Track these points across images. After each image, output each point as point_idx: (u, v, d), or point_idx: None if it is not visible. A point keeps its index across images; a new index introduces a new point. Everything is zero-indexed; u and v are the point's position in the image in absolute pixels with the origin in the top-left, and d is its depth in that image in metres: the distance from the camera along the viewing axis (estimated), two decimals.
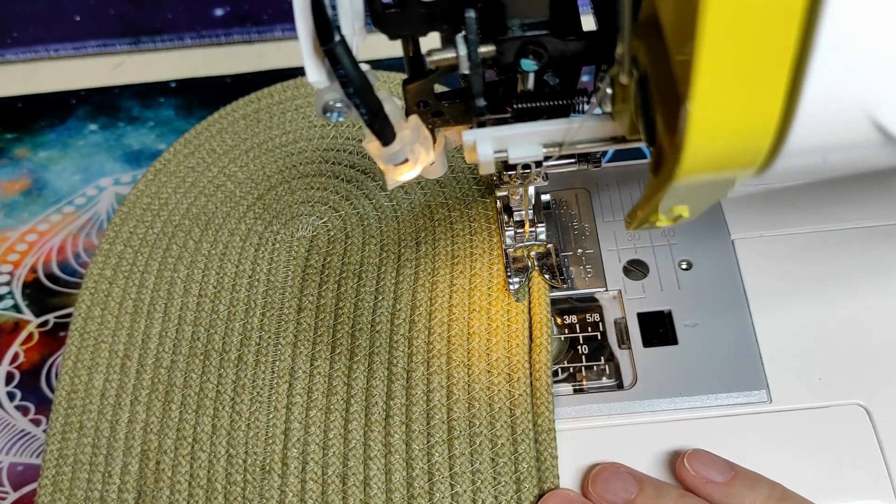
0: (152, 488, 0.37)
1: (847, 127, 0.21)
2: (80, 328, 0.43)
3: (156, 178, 0.49)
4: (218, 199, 0.47)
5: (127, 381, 0.41)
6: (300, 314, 0.41)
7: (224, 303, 0.42)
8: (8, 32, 0.61)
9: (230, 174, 0.48)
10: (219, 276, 0.43)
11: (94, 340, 0.42)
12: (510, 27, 0.28)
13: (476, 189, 0.45)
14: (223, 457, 0.37)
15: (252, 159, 0.49)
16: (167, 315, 0.42)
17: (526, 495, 0.35)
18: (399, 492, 0.35)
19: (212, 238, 0.45)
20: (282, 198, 0.46)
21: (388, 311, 0.41)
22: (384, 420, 0.37)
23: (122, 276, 0.44)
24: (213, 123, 0.51)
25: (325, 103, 0.27)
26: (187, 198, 0.47)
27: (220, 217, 0.46)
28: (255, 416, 0.38)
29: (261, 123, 0.51)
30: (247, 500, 0.36)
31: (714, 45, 0.19)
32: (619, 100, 0.27)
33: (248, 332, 0.41)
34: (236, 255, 0.44)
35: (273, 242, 0.44)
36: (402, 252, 0.43)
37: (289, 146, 0.49)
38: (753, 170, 0.22)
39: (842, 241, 0.41)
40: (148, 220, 0.46)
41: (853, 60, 0.20)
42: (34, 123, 0.58)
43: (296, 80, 0.52)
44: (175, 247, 0.45)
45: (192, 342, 0.41)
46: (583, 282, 0.41)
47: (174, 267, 0.44)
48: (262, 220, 0.46)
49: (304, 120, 0.50)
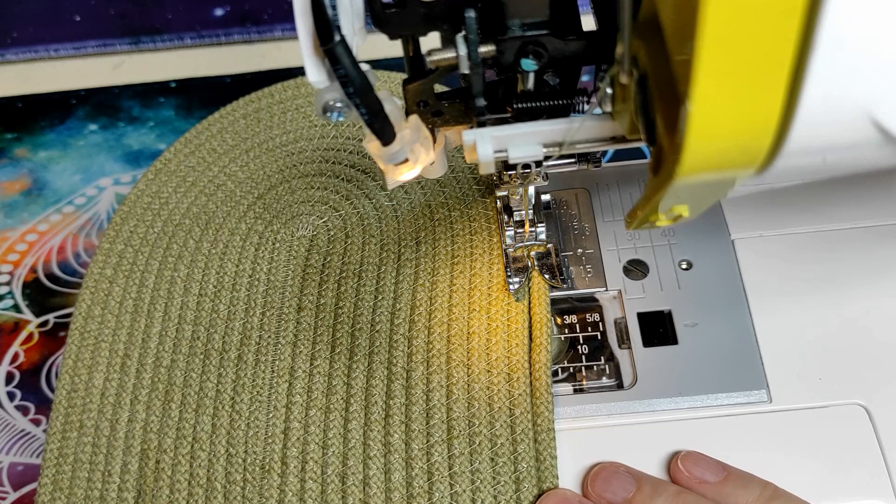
0: (152, 487, 0.37)
1: (847, 127, 0.21)
2: (81, 327, 0.43)
3: (156, 177, 0.49)
4: (218, 199, 0.47)
5: (127, 381, 0.41)
6: (300, 314, 0.41)
7: (224, 302, 0.42)
8: (8, 32, 0.61)
9: (230, 174, 0.48)
10: (219, 276, 0.43)
11: (95, 339, 0.42)
12: (510, 27, 0.28)
13: (476, 189, 0.45)
14: (223, 456, 0.38)
15: (252, 159, 0.49)
16: (167, 314, 0.42)
17: (525, 495, 0.35)
18: (398, 491, 0.35)
19: (212, 237, 0.45)
20: (282, 197, 0.46)
21: (388, 311, 0.41)
22: (384, 419, 0.37)
23: (122, 276, 0.44)
24: (214, 123, 0.51)
25: (325, 103, 0.27)
26: (188, 197, 0.47)
27: (221, 216, 0.46)
28: (254, 415, 0.38)
29: (261, 123, 0.51)
30: (246, 500, 0.36)
31: (714, 45, 0.19)
32: (619, 100, 0.27)
33: (248, 331, 0.41)
34: (236, 254, 0.44)
35: (273, 242, 0.45)
36: (402, 252, 0.43)
37: (289, 146, 0.49)
38: (753, 169, 0.22)
39: (842, 241, 0.41)
40: (148, 220, 0.47)
41: (853, 60, 0.20)
42: (34, 123, 0.58)
43: (296, 80, 0.52)
44: (175, 246, 0.45)
45: (192, 341, 0.41)
46: (583, 282, 0.41)
47: (174, 266, 0.44)
48: (263, 220, 0.46)
49: (304, 119, 0.51)
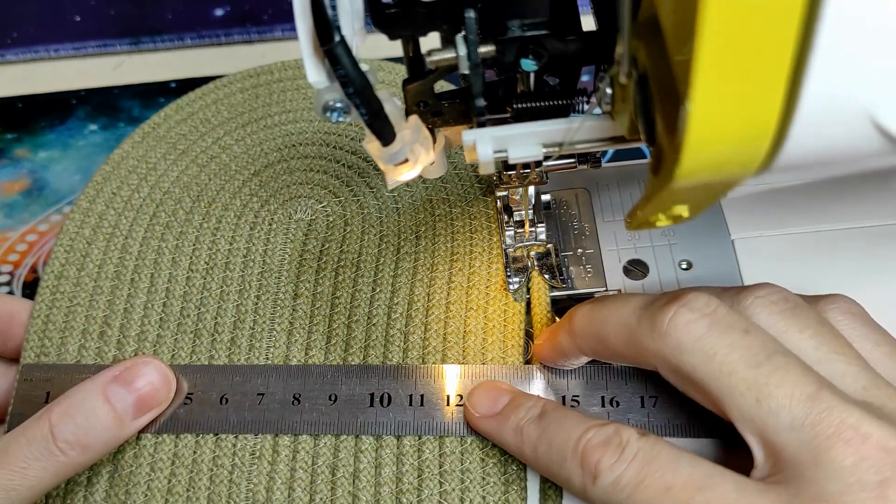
0: (130, 464, 0.36)
1: (847, 127, 0.21)
2: (52, 286, 0.41)
3: (143, 140, 0.47)
4: (211, 171, 0.46)
5: (107, 351, 0.39)
6: (296, 300, 0.41)
7: (216, 280, 0.41)
8: (8, 32, 0.61)
9: (225, 146, 0.47)
10: (211, 252, 0.42)
11: (69, 302, 0.41)
12: (510, 27, 0.28)
13: (478, 187, 0.45)
14: (211, 439, 0.37)
15: (249, 133, 0.47)
16: (153, 286, 0.41)
17: (513, 497, 0.35)
18: (388, 486, 0.35)
19: (203, 211, 0.44)
20: (280, 176, 0.45)
21: (385, 305, 0.40)
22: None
23: (102, 238, 0.43)
24: (208, 93, 0.50)
25: (325, 103, 0.27)
26: (178, 165, 0.46)
27: (214, 189, 0.45)
28: None
29: (259, 99, 0.49)
30: (233, 483, 0.36)
31: (713, 45, 0.19)
32: (619, 100, 0.27)
33: (243, 314, 0.40)
34: (230, 231, 0.43)
35: (269, 222, 0.43)
36: (402, 245, 0.42)
37: (289, 125, 0.48)
38: (753, 169, 0.22)
39: (842, 241, 0.41)
40: (133, 183, 0.45)
41: (853, 60, 0.20)
42: (34, 124, 0.58)
43: (297, 60, 0.51)
44: (163, 214, 0.44)
45: (181, 318, 0.40)
46: (583, 282, 0.41)
47: (162, 236, 0.43)
48: (259, 198, 0.44)
49: (304, 100, 0.49)
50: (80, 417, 0.34)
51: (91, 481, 0.36)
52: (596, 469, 0.29)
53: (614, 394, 0.36)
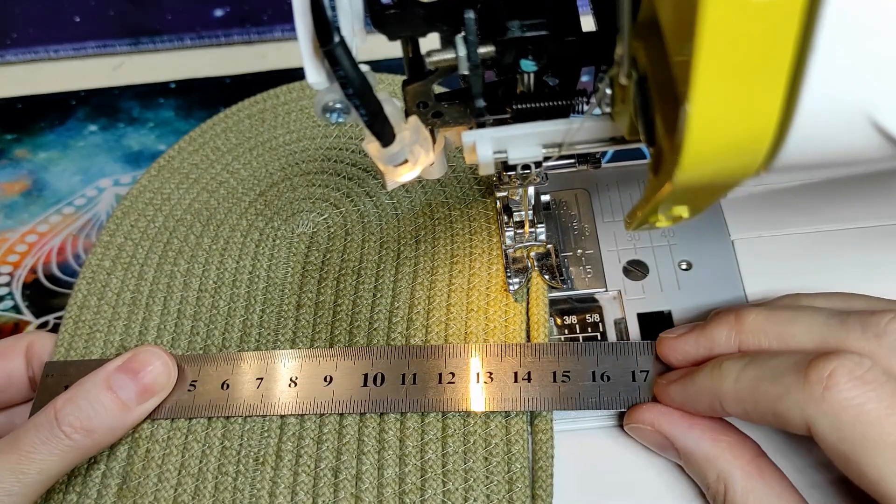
0: (139, 475, 0.37)
1: (846, 128, 0.21)
2: (75, 316, 0.43)
3: (159, 174, 0.49)
4: (220, 196, 0.47)
5: None
6: (299, 311, 0.41)
7: (224, 298, 0.43)
8: (8, 33, 0.61)
9: (233, 171, 0.49)
10: (219, 272, 0.44)
11: (90, 329, 0.42)
12: (509, 28, 0.28)
13: (477, 189, 0.45)
14: (217, 448, 0.38)
15: (255, 157, 0.49)
16: (166, 308, 0.43)
17: (518, 496, 0.35)
18: (391, 487, 0.35)
19: (213, 233, 0.45)
20: (283, 194, 0.47)
21: (387, 310, 0.41)
22: (379, 416, 0.37)
23: (121, 268, 0.44)
24: (218, 123, 0.52)
25: (325, 104, 0.27)
26: (189, 193, 0.48)
27: (222, 213, 0.46)
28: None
29: (265, 123, 0.51)
30: (237, 490, 0.36)
31: (713, 46, 0.19)
32: (619, 100, 0.27)
33: (248, 328, 0.41)
34: (237, 250, 0.44)
35: (273, 238, 0.45)
36: (402, 250, 0.43)
37: (292, 145, 0.50)
38: (753, 170, 0.22)
39: (842, 241, 0.41)
40: (150, 215, 0.47)
41: (852, 61, 0.20)
42: (34, 124, 0.58)
43: (301, 83, 0.53)
44: (176, 241, 0.45)
45: (192, 336, 0.41)
46: (583, 282, 0.41)
47: (174, 261, 0.44)
48: (264, 217, 0.46)
49: (307, 120, 0.51)
50: (83, 403, 0.35)
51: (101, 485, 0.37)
52: (828, 381, 0.28)
53: (605, 369, 0.36)
